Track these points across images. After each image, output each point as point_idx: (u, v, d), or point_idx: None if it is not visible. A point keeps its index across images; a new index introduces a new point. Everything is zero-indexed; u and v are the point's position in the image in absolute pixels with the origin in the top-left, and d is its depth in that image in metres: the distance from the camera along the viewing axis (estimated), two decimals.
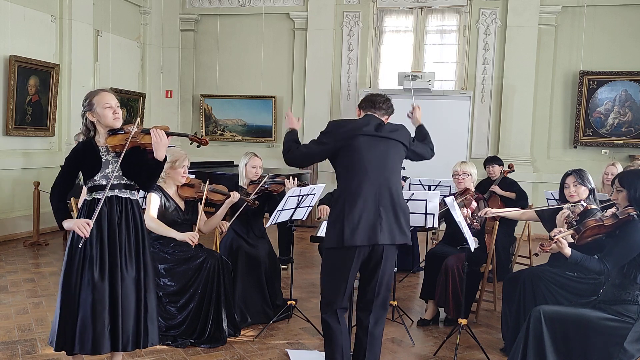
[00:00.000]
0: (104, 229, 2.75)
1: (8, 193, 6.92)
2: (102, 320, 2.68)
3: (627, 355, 2.78)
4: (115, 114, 2.83)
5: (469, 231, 3.71)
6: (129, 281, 2.77)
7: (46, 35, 7.34)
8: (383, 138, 3.00)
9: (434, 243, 5.18)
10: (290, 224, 4.21)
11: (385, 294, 3.04)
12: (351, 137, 2.95)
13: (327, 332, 3.01)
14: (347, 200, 2.90)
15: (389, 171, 2.98)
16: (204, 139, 2.99)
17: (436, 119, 8.21)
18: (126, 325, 2.75)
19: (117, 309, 2.72)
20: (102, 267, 2.72)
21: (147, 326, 2.83)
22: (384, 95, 3.18)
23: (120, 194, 2.83)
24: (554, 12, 8.12)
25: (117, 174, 2.81)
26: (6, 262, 5.78)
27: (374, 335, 3.03)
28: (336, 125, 3.04)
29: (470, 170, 4.45)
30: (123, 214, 2.81)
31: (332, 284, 2.98)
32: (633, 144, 7.87)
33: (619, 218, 2.89)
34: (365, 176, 2.91)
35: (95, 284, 2.69)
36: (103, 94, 2.86)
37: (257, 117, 9.46)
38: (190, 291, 3.75)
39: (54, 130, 7.43)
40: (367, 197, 2.89)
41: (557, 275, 3.54)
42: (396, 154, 3.05)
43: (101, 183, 2.80)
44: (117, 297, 2.72)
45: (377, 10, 8.92)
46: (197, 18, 9.69)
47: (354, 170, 2.94)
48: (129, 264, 2.78)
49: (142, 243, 2.87)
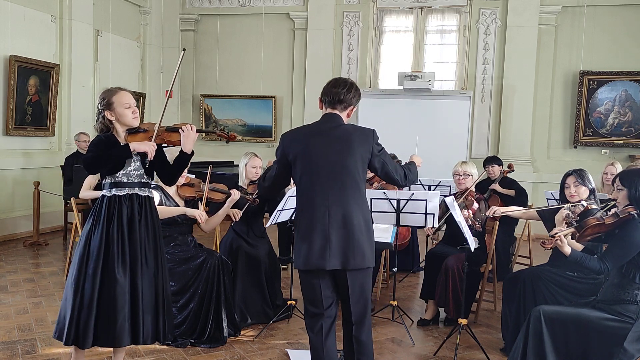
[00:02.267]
0: (124, 225, 2.81)
1: (8, 193, 6.91)
2: (123, 314, 2.74)
3: (627, 355, 2.78)
4: (134, 113, 2.88)
5: (469, 231, 3.70)
6: (149, 276, 2.85)
7: (46, 35, 7.34)
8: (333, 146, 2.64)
9: (434, 243, 5.17)
10: (290, 224, 4.21)
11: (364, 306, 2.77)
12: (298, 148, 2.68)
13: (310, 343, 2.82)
14: (300, 218, 2.71)
15: (342, 185, 2.63)
16: (232, 134, 3.03)
17: (436, 119, 8.24)
18: (146, 320, 2.82)
19: (138, 304, 2.79)
20: (123, 263, 2.78)
21: (166, 320, 2.91)
22: (347, 81, 2.76)
23: (140, 192, 2.90)
24: (554, 12, 8.12)
25: (139, 172, 2.89)
26: (6, 262, 5.77)
27: (360, 341, 2.78)
28: (284, 138, 2.77)
29: (471, 171, 4.44)
30: (142, 211, 2.88)
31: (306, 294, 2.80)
32: (633, 144, 7.88)
33: (619, 217, 2.89)
34: (315, 192, 2.63)
35: (117, 279, 2.75)
36: (122, 93, 2.88)
37: (257, 117, 9.46)
38: (190, 291, 3.75)
39: (54, 130, 7.43)
40: (313, 216, 2.63)
41: (557, 275, 3.55)
42: (349, 163, 2.64)
43: (122, 180, 2.85)
44: (138, 292, 2.79)
45: (377, 10, 8.93)
46: (197, 18, 9.69)
47: (303, 184, 2.69)
48: (149, 259, 2.86)
49: (160, 239, 2.96)
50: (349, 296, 2.72)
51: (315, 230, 2.62)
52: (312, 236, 2.62)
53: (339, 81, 2.78)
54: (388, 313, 4.31)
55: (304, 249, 2.65)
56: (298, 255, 2.71)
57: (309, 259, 2.64)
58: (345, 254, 2.62)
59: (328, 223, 2.61)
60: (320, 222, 2.62)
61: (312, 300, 2.77)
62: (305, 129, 2.81)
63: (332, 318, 2.80)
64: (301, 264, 2.68)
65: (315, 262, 2.62)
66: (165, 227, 3.83)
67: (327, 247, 2.60)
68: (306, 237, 2.65)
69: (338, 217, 2.62)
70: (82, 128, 7.27)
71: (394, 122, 8.07)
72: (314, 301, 2.76)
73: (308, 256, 2.63)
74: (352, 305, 2.73)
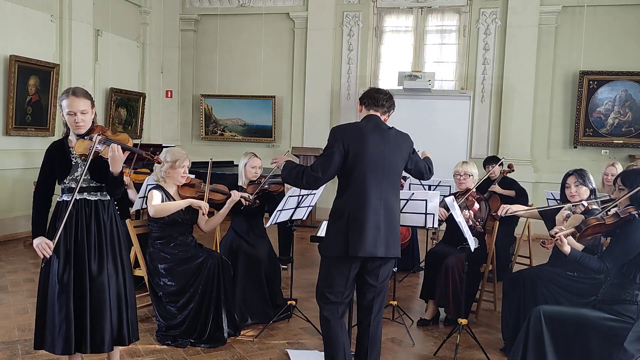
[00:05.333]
0: (71, 231, 2.76)
1: (8, 193, 6.91)
2: (69, 321, 2.69)
3: (627, 355, 2.78)
4: (76, 123, 2.73)
5: (469, 231, 3.70)
6: (103, 280, 2.77)
7: (46, 35, 7.34)
8: (387, 145, 2.93)
9: (434, 243, 5.17)
10: (290, 224, 4.21)
11: (382, 298, 3.06)
12: (356, 143, 2.89)
13: (328, 328, 2.99)
14: (351, 208, 2.87)
15: (390, 181, 2.94)
16: (157, 158, 3.07)
17: (436, 119, 8.24)
18: (99, 326, 2.75)
19: (85, 310, 2.73)
20: (66, 269, 2.72)
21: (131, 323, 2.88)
22: (387, 92, 3.09)
23: (90, 197, 2.83)
24: (554, 12, 8.12)
25: (86, 177, 2.80)
26: (6, 262, 5.77)
27: (375, 335, 3.04)
28: (340, 130, 2.96)
29: (472, 171, 4.44)
30: (93, 215, 2.81)
31: (329, 282, 2.98)
32: (633, 144, 7.87)
33: (620, 217, 2.89)
34: (369, 185, 2.87)
35: (62, 286, 2.70)
36: (70, 99, 2.72)
37: (257, 117, 9.46)
38: (190, 291, 3.75)
39: (54, 130, 7.42)
40: (369, 208, 2.85)
41: (557, 275, 3.55)
42: (398, 162, 3.00)
43: (70, 186, 2.80)
44: (86, 299, 2.73)
45: (377, 10, 8.92)
46: (197, 18, 9.69)
47: (357, 176, 2.88)
48: (104, 263, 2.79)
49: (120, 242, 2.89)
50: (377, 285, 2.97)
51: (368, 220, 2.85)
52: (364, 225, 2.84)
53: (380, 89, 3.11)
54: (388, 313, 4.31)
55: (354, 236, 2.83)
56: (340, 243, 2.86)
57: (360, 246, 2.83)
58: (387, 243, 2.90)
59: (381, 214, 2.88)
60: (373, 212, 2.86)
61: (334, 288, 2.96)
62: (358, 125, 3.01)
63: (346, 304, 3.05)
64: (350, 250, 2.84)
65: (369, 249, 2.85)
66: (165, 227, 3.84)
67: (379, 236, 2.86)
68: (356, 226, 2.84)
69: (387, 210, 2.91)
70: None
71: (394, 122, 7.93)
72: (336, 289, 2.95)
73: (359, 244, 2.83)
74: (377, 296, 2.99)
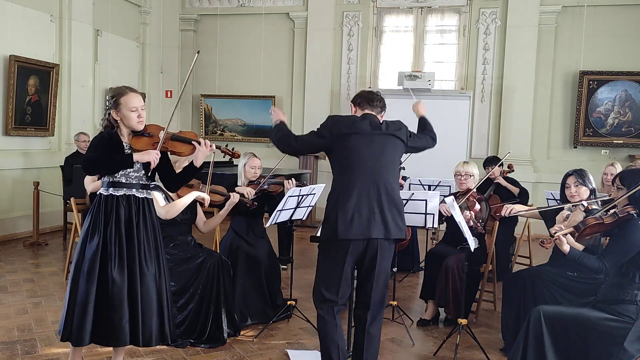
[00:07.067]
0: (122, 227, 2.79)
1: (8, 193, 6.91)
2: (120, 313, 2.72)
3: (627, 355, 2.78)
4: (140, 118, 2.84)
5: (469, 231, 3.70)
6: (150, 278, 2.82)
7: (46, 35, 7.34)
8: (380, 134, 3.01)
9: (434, 243, 5.17)
10: (290, 224, 4.21)
11: (383, 292, 3.04)
12: (348, 133, 2.97)
13: (323, 327, 3.00)
14: (341, 194, 2.92)
15: (384, 167, 2.99)
16: (237, 152, 3.14)
17: (436, 119, 8.06)
18: (148, 322, 2.79)
19: (137, 305, 2.76)
20: (120, 264, 2.76)
21: (171, 322, 2.91)
22: (378, 93, 3.21)
23: (138, 194, 2.87)
24: (554, 12, 8.12)
25: (139, 174, 2.86)
26: (6, 262, 5.77)
27: (371, 334, 3.02)
28: (335, 121, 3.05)
29: (473, 171, 4.44)
30: (140, 213, 2.86)
31: (325, 276, 2.99)
32: (633, 144, 7.88)
33: (619, 216, 2.89)
34: (359, 171, 2.93)
35: (114, 279, 2.72)
36: (131, 95, 2.82)
37: (257, 117, 9.46)
38: (190, 291, 3.75)
39: (54, 130, 7.43)
40: (361, 192, 2.90)
41: (557, 275, 3.54)
42: (392, 150, 3.05)
43: (121, 180, 2.83)
44: (137, 294, 2.77)
45: (377, 10, 8.93)
46: (197, 18, 9.69)
47: (349, 165, 2.96)
48: (148, 261, 2.83)
49: (160, 241, 2.95)
50: (374, 272, 2.94)
51: (361, 204, 2.88)
52: (355, 209, 2.87)
53: (371, 91, 3.23)
54: (388, 313, 4.30)
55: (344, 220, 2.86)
56: (331, 227, 2.89)
57: (350, 230, 2.85)
58: (386, 225, 2.90)
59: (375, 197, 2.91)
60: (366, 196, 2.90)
61: (329, 282, 2.96)
62: (353, 117, 3.09)
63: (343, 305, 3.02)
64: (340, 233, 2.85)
65: (363, 231, 2.86)
66: (165, 227, 3.83)
67: (373, 219, 2.88)
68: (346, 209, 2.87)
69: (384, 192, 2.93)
70: (82, 128, 7.28)
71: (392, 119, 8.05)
72: (331, 284, 2.96)
73: (349, 227, 2.85)
74: (374, 286, 2.96)
